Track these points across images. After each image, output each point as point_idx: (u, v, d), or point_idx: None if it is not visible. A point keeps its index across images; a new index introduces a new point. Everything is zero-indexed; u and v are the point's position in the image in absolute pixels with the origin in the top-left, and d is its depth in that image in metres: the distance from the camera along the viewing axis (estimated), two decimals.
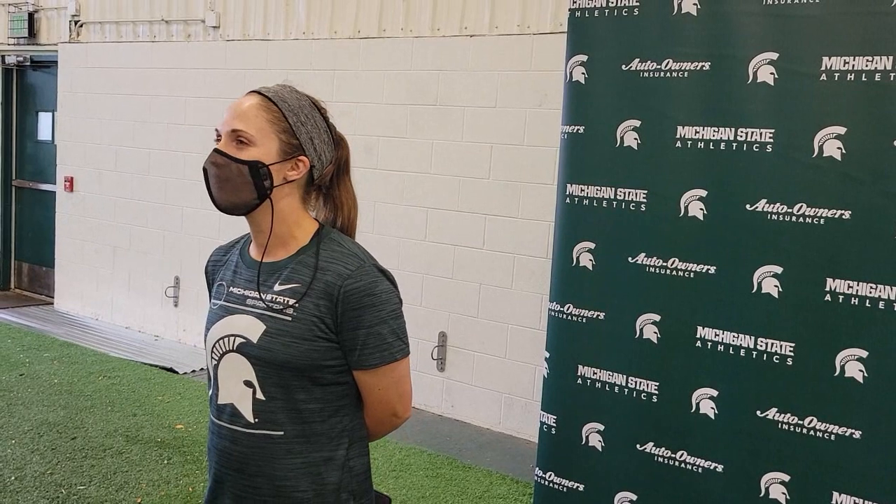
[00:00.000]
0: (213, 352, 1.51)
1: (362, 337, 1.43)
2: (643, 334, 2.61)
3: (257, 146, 1.43)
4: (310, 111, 1.50)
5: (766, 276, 2.38)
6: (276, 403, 1.44)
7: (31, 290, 7.37)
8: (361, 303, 1.42)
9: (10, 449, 3.79)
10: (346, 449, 1.49)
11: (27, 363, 5.14)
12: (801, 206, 2.33)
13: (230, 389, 1.48)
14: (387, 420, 1.55)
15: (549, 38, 4.30)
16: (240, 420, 1.46)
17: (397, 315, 1.47)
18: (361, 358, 1.44)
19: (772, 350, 2.38)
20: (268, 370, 1.43)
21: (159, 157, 6.07)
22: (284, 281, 1.46)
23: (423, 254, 4.73)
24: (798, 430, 2.36)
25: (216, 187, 1.46)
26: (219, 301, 1.55)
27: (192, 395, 4.74)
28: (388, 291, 1.45)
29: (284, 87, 1.51)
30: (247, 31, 5.59)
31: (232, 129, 1.45)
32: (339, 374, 1.46)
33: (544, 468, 2.84)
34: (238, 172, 1.43)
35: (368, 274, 1.44)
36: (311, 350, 1.42)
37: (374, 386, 1.49)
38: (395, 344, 1.46)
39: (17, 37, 6.85)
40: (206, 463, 1.55)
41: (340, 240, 1.50)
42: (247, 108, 1.45)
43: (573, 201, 2.72)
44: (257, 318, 1.46)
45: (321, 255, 1.46)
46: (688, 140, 2.49)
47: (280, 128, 1.45)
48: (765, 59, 2.35)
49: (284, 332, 1.43)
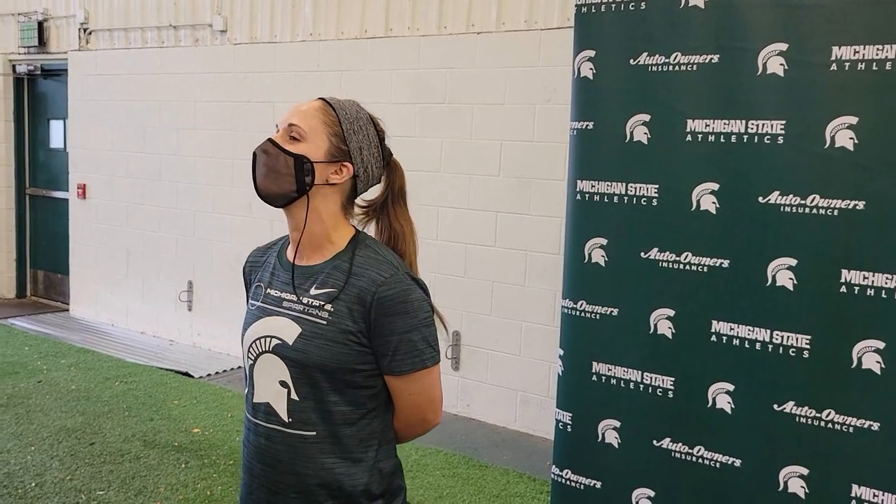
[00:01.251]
0: (250, 352, 1.55)
1: (394, 343, 1.46)
2: (657, 329, 2.59)
3: (307, 142, 1.49)
4: (365, 124, 1.55)
5: (780, 269, 2.37)
6: (308, 404, 1.48)
7: (46, 298, 7.43)
8: (394, 310, 1.45)
9: (29, 455, 3.82)
10: (375, 451, 1.53)
11: (45, 370, 5.18)
12: (814, 197, 2.31)
13: (266, 389, 1.52)
14: (417, 424, 1.59)
15: (557, 34, 4.29)
16: (275, 419, 1.50)
17: (429, 323, 1.51)
18: (393, 364, 1.48)
19: (788, 343, 2.37)
20: (301, 371, 1.47)
21: (170, 161, 6.10)
22: (320, 285, 1.50)
23: (435, 253, 4.73)
24: (816, 423, 2.34)
25: (261, 174, 1.51)
26: (256, 302, 1.59)
27: (208, 399, 4.77)
28: (420, 300, 1.49)
29: (350, 100, 1.58)
30: (254, 35, 5.61)
31: (289, 123, 1.51)
32: (370, 378, 1.50)
33: (561, 466, 2.83)
34: (283, 163, 1.48)
35: (402, 282, 1.48)
36: (344, 353, 1.46)
37: (405, 391, 1.53)
38: (426, 351, 1.49)
39: (28, 46, 6.90)
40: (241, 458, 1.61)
41: (376, 247, 1.53)
42: (307, 109, 1.54)
43: (584, 197, 2.71)
44: (293, 320, 1.49)
45: (356, 261, 1.49)
46: (698, 133, 2.48)
47: (332, 131, 1.51)
48: (774, 51, 2.33)
49: (319, 335, 1.46)
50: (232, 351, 5.85)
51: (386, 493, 1.55)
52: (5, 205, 7.34)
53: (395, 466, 1.58)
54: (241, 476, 1.60)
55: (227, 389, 5.00)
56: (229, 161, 5.75)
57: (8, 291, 7.43)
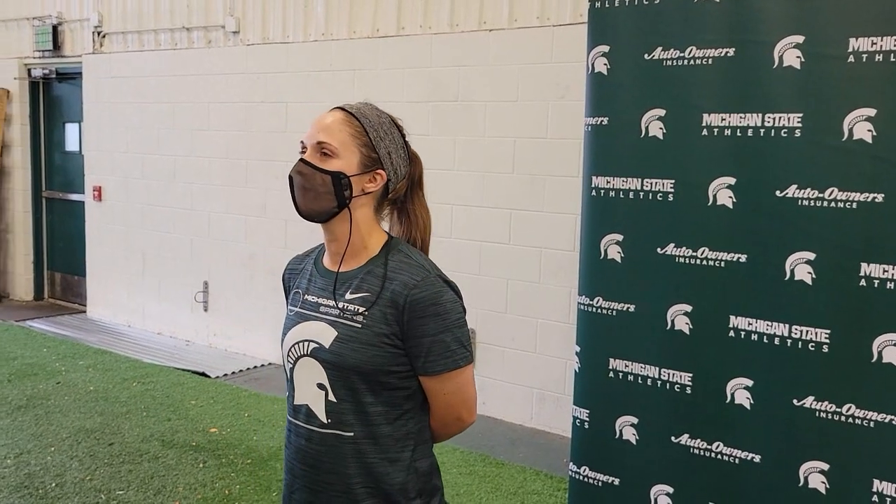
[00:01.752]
0: (289, 355, 1.60)
1: (427, 344, 1.50)
2: (675, 325, 2.58)
3: (340, 158, 1.52)
4: (389, 128, 1.58)
5: (798, 263, 2.35)
6: (345, 405, 1.52)
7: (64, 300, 7.49)
8: (426, 312, 1.49)
9: (49, 456, 3.85)
10: (411, 451, 1.56)
11: (63, 371, 5.22)
12: (832, 190, 2.29)
13: (305, 391, 1.56)
14: (452, 424, 1.62)
15: (570, 30, 4.28)
16: (314, 420, 1.55)
17: (461, 324, 1.54)
18: (426, 365, 1.52)
19: (807, 337, 2.35)
20: (338, 374, 1.52)
21: (184, 163, 6.13)
22: (355, 290, 1.54)
23: (450, 251, 4.73)
24: (836, 418, 2.32)
25: (300, 195, 1.54)
26: (295, 308, 1.63)
27: (225, 399, 4.79)
28: (452, 301, 1.52)
29: (366, 104, 1.60)
30: (266, 35, 5.63)
31: (317, 141, 1.53)
32: (405, 379, 1.53)
33: (578, 463, 2.83)
34: (321, 182, 1.51)
35: (433, 284, 1.51)
36: (378, 356, 1.49)
37: (440, 391, 1.56)
38: (458, 351, 1.52)
39: (43, 50, 6.96)
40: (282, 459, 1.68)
41: (408, 251, 1.57)
42: (331, 122, 1.54)
43: (599, 194, 2.70)
44: (329, 324, 1.54)
45: (389, 266, 1.53)
46: (714, 128, 2.46)
47: (361, 142, 1.53)
48: (790, 43, 2.31)
49: (354, 339, 1.50)
50: (248, 351, 5.88)
51: (423, 493, 1.58)
52: (22, 208, 7.40)
53: (431, 466, 1.61)
54: (284, 476, 1.65)
55: (243, 389, 5.02)
56: (243, 161, 5.77)
57: (26, 294, 7.50)
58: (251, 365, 5.64)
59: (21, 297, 7.50)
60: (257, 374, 5.49)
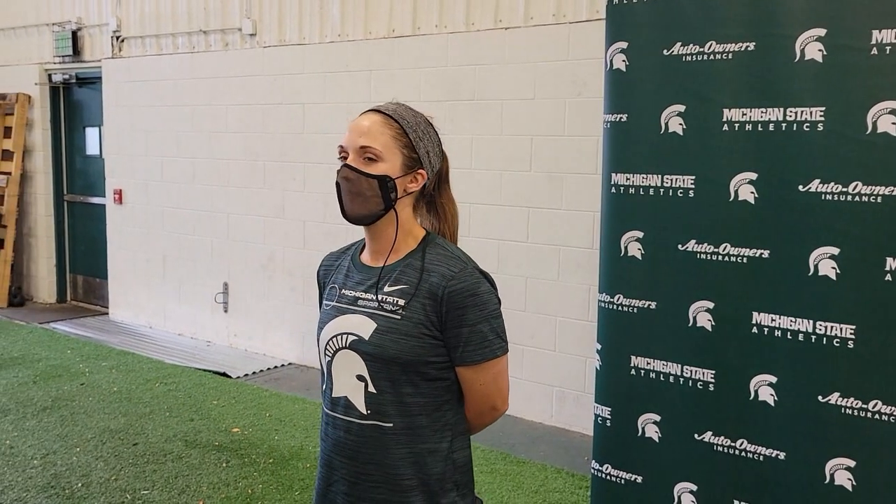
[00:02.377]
0: (327, 349, 1.62)
1: (465, 335, 1.53)
2: (697, 322, 2.57)
3: (385, 161, 1.55)
4: (426, 127, 1.61)
5: (822, 258, 2.33)
6: (385, 397, 1.55)
7: (86, 302, 7.56)
8: (464, 302, 1.52)
9: (75, 457, 3.89)
10: (449, 442, 1.59)
11: (87, 373, 5.27)
12: (856, 184, 2.26)
13: (344, 383, 1.59)
14: (487, 413, 1.65)
15: (586, 27, 4.26)
16: (353, 412, 1.57)
17: (497, 315, 1.58)
18: (464, 354, 1.55)
19: (832, 333, 2.33)
20: (378, 365, 1.54)
21: (203, 165, 6.17)
22: (394, 283, 1.57)
23: (468, 250, 4.67)
24: (862, 415, 2.30)
25: (348, 200, 1.57)
26: (331, 302, 1.66)
27: (246, 399, 4.82)
28: (488, 292, 1.56)
29: (399, 104, 1.62)
30: (283, 37, 5.65)
31: (361, 145, 1.55)
32: (443, 371, 1.57)
33: (601, 461, 2.82)
34: (368, 186, 1.54)
35: (471, 275, 1.55)
36: (418, 346, 1.53)
37: (476, 381, 1.59)
38: (495, 341, 1.56)
39: (63, 55, 7.03)
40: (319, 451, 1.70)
41: (445, 244, 1.62)
42: (371, 126, 1.56)
43: (619, 191, 2.69)
44: (369, 316, 1.56)
45: (427, 258, 1.57)
46: (735, 123, 2.44)
47: (403, 143, 1.56)
48: (812, 36, 2.29)
49: (394, 330, 1.53)
50: (268, 351, 5.91)
51: (460, 486, 1.61)
52: (44, 211, 7.48)
53: (467, 458, 1.65)
54: (318, 471, 1.67)
55: (264, 389, 5.05)
56: (261, 163, 5.80)
57: (49, 296, 7.59)
58: (271, 365, 5.66)
59: (44, 300, 7.58)
60: (277, 374, 5.51)
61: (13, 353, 5.72)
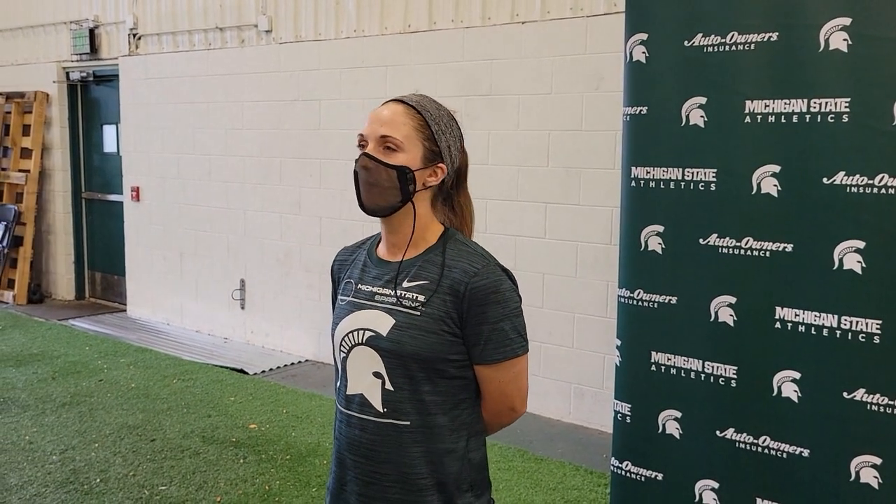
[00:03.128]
0: (343, 345, 1.58)
1: (486, 333, 1.49)
2: (718, 317, 2.53)
3: (405, 152, 1.51)
4: (448, 121, 1.57)
5: (847, 252, 2.28)
6: (403, 394, 1.51)
7: (104, 299, 7.61)
8: (487, 300, 1.48)
9: (94, 452, 3.91)
10: (465, 441, 1.55)
11: (105, 369, 5.30)
12: (882, 176, 2.22)
13: (359, 380, 1.54)
14: (505, 413, 1.61)
15: (604, 20, 4.22)
16: (369, 409, 1.53)
17: (518, 313, 1.53)
18: (485, 353, 1.51)
19: (857, 328, 2.28)
20: (396, 362, 1.50)
21: (220, 162, 6.18)
22: (413, 278, 1.53)
23: (485, 245, 4.66)
24: (889, 411, 2.25)
25: (365, 190, 1.52)
26: (347, 297, 1.61)
27: (263, 396, 4.82)
28: (510, 290, 1.52)
29: (423, 96, 1.58)
30: (299, 33, 5.64)
31: (381, 135, 1.51)
32: (462, 369, 1.53)
33: (620, 458, 2.79)
34: (387, 176, 1.50)
35: (494, 272, 1.51)
36: (438, 343, 1.49)
37: (495, 380, 1.55)
38: (516, 340, 1.52)
39: (80, 53, 7.07)
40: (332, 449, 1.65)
41: (465, 241, 1.58)
42: (393, 115, 1.52)
43: (639, 184, 2.65)
44: (386, 312, 1.52)
45: (448, 254, 1.53)
46: (757, 114, 2.40)
47: (424, 135, 1.53)
48: (837, 26, 2.25)
49: (413, 326, 1.49)
50: (285, 348, 5.92)
51: (475, 486, 1.57)
52: (62, 209, 7.53)
53: (483, 458, 1.61)
54: (332, 470, 1.63)
55: (281, 385, 5.06)
56: (277, 160, 5.80)
57: (67, 293, 7.64)
58: (288, 361, 5.67)
59: (63, 297, 7.64)
60: (294, 370, 5.52)
61: (32, 349, 5.76)
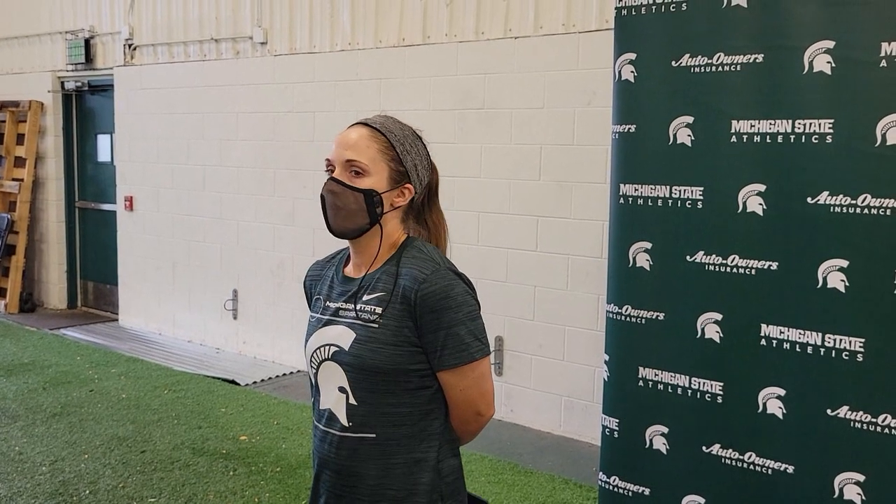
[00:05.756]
0: (312, 360, 1.61)
1: (442, 338, 1.49)
2: (705, 334, 2.56)
3: (371, 175, 1.53)
4: (413, 140, 1.58)
5: (831, 271, 2.32)
6: (367, 408, 1.52)
7: (96, 308, 7.60)
8: (438, 305, 1.48)
9: (83, 464, 3.91)
10: (436, 451, 1.56)
11: (96, 379, 5.29)
12: (865, 197, 2.25)
13: (328, 395, 1.57)
14: (471, 419, 1.60)
15: (596, 36, 4.26)
16: (336, 424, 1.55)
17: (474, 316, 1.52)
18: (442, 359, 1.51)
19: (840, 346, 2.31)
20: (358, 376, 1.52)
21: (214, 172, 6.20)
22: (371, 290, 1.55)
23: (477, 258, 4.73)
24: (872, 429, 2.28)
25: (333, 213, 1.54)
26: (316, 314, 1.65)
27: (255, 407, 4.83)
28: (463, 294, 1.51)
29: (387, 117, 1.60)
30: (293, 45, 5.68)
31: (346, 159, 1.53)
32: (425, 378, 1.53)
33: (608, 472, 2.81)
34: (354, 199, 1.52)
35: (443, 277, 1.50)
36: (397, 354, 1.50)
37: (456, 386, 1.54)
38: (473, 344, 1.51)
39: (76, 63, 7.08)
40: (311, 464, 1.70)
41: (421, 246, 1.58)
42: (358, 139, 1.54)
43: (627, 201, 2.69)
44: (348, 326, 1.54)
45: (402, 262, 1.54)
46: (743, 134, 2.44)
47: (390, 156, 1.54)
48: (821, 48, 2.29)
49: (373, 339, 1.51)
50: (277, 358, 5.92)
51: (450, 496, 1.57)
52: (56, 218, 7.53)
53: (455, 467, 1.61)
54: (312, 484, 1.65)
55: (272, 397, 5.06)
56: (271, 171, 5.82)
57: (59, 302, 7.63)
58: (280, 372, 5.67)
59: (55, 306, 7.62)
60: (286, 381, 5.52)
61: (23, 359, 5.75)
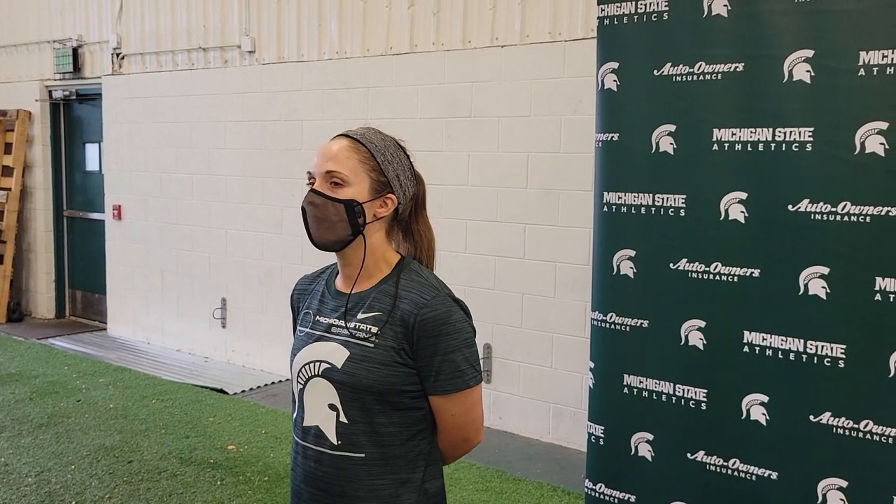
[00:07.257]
0: (300, 376, 1.59)
1: (437, 364, 1.50)
2: (689, 341, 2.57)
3: (352, 185, 1.52)
4: (395, 150, 1.58)
5: (812, 278, 2.33)
6: (357, 427, 1.51)
7: (84, 317, 7.57)
8: (437, 331, 1.49)
9: (70, 474, 3.89)
10: (422, 472, 1.56)
11: (83, 389, 5.27)
12: (845, 204, 2.27)
13: (315, 412, 1.55)
14: (459, 444, 1.62)
15: (582, 45, 4.29)
16: (324, 442, 1.54)
17: (470, 344, 1.54)
18: (436, 384, 1.51)
19: (822, 353, 2.33)
20: (350, 394, 1.51)
21: (202, 181, 6.19)
22: (367, 309, 1.54)
23: (464, 266, 4.73)
24: (854, 434, 2.30)
25: (314, 225, 1.54)
26: (305, 329, 1.63)
27: (243, 416, 4.81)
28: (461, 321, 1.52)
29: (369, 129, 1.60)
30: (281, 54, 5.68)
31: (326, 170, 1.52)
32: (417, 399, 1.53)
33: (594, 480, 2.81)
34: (335, 211, 1.51)
35: (443, 304, 1.51)
36: (391, 375, 1.49)
37: (448, 411, 1.55)
38: (468, 371, 1.52)
39: (63, 72, 7.07)
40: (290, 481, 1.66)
41: (419, 270, 1.58)
42: (338, 151, 1.53)
43: (611, 209, 2.70)
44: (341, 344, 1.53)
45: (401, 285, 1.54)
46: (725, 143, 2.46)
47: (370, 167, 1.53)
48: (800, 57, 2.31)
49: (367, 358, 1.50)
50: (265, 367, 5.91)
51: None
52: (44, 227, 7.50)
53: (441, 488, 1.61)
54: (290, 501, 1.63)
55: (261, 406, 5.04)
56: (259, 180, 5.82)
57: (47, 311, 7.59)
58: (268, 381, 5.66)
59: (43, 315, 7.58)
60: (274, 390, 5.51)
61: (10, 369, 5.72)
